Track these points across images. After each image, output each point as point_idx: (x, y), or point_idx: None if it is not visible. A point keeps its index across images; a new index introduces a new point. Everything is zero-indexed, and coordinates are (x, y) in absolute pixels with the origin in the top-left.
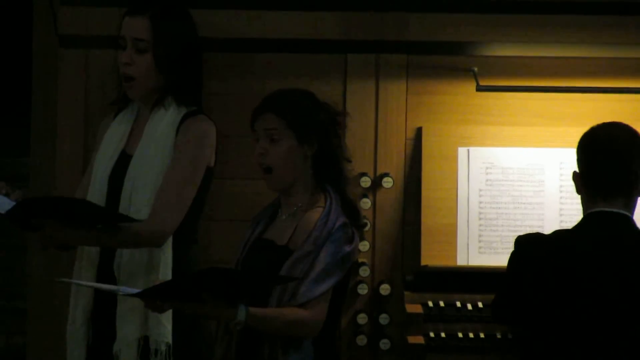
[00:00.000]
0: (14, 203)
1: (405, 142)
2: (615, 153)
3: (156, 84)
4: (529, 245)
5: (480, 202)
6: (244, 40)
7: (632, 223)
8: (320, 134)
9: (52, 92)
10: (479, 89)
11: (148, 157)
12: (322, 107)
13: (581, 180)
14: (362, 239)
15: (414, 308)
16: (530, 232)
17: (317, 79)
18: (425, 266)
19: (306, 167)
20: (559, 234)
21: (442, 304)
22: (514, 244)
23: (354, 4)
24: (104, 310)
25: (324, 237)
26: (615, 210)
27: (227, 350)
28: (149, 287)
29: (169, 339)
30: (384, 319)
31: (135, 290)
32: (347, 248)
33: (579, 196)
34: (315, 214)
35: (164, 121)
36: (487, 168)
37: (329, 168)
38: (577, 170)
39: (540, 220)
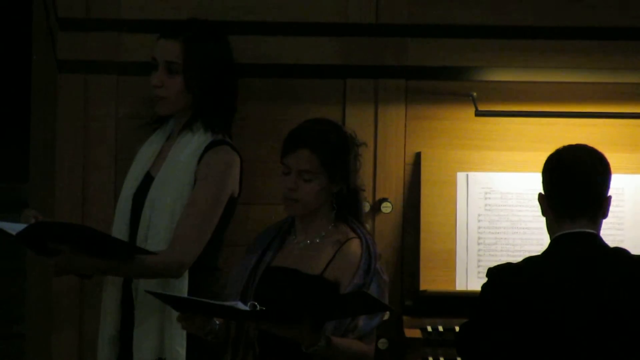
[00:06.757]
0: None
1: (404, 167)
2: (580, 175)
3: (187, 104)
4: (503, 277)
5: (479, 227)
6: (244, 66)
7: (599, 240)
8: (348, 172)
9: (51, 117)
10: (478, 114)
11: (168, 181)
12: (351, 143)
13: (547, 202)
14: None
15: (413, 333)
16: (501, 262)
17: (316, 104)
18: (424, 291)
19: (329, 197)
20: (530, 261)
21: (441, 328)
22: (487, 275)
23: (353, 29)
24: (127, 330)
25: (373, 269)
26: (582, 230)
27: None
28: (257, 310)
29: None
30: (382, 343)
31: (245, 308)
32: (385, 278)
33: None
34: (356, 246)
35: (188, 148)
36: (486, 193)
37: (349, 200)
38: (542, 192)
39: (539, 245)
